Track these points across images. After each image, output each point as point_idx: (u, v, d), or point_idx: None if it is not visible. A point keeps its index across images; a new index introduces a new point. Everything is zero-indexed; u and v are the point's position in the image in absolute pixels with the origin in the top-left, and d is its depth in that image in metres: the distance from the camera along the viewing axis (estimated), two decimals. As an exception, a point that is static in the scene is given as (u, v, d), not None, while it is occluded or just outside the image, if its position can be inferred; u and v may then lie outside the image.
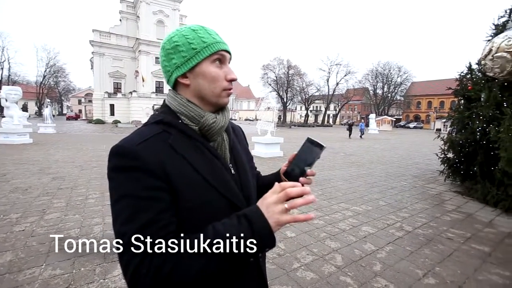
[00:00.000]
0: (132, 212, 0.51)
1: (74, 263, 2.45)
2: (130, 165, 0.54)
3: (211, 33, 0.65)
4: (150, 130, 0.61)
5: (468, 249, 2.98)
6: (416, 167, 8.44)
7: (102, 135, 17.35)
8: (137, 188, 0.53)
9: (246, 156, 0.79)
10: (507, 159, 3.97)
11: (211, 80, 0.63)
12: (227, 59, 0.66)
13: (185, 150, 0.60)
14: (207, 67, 0.63)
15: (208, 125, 0.64)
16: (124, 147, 0.56)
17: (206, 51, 0.62)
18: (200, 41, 0.62)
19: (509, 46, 4.10)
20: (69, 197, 4.39)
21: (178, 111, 0.65)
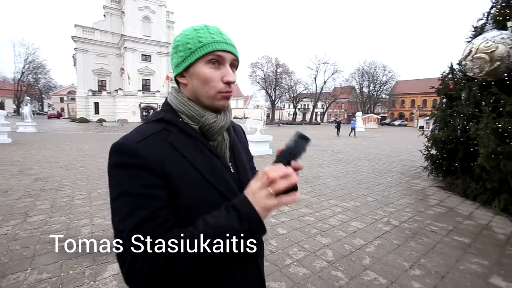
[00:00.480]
0: (130, 209, 0.52)
1: (62, 266, 2.39)
2: (130, 163, 0.55)
3: (213, 32, 0.63)
4: (151, 128, 0.61)
5: (450, 241, 3.13)
6: (401, 164, 8.72)
7: (87, 134, 16.80)
8: (136, 186, 0.53)
9: (246, 156, 0.80)
10: (485, 155, 4.17)
11: (204, 81, 0.62)
12: (226, 60, 0.63)
13: (185, 149, 0.61)
14: (200, 67, 0.62)
15: (208, 125, 0.64)
16: (124, 144, 0.57)
17: (200, 51, 0.61)
18: (197, 40, 0.61)
19: (487, 48, 4.29)
20: (53, 199, 4.24)
21: (178, 109, 0.66)
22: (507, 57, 4.12)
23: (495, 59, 4.20)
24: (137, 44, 33.42)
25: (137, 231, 0.50)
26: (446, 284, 2.29)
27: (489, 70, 4.34)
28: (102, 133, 17.93)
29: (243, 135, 0.86)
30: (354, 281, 2.30)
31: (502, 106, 4.10)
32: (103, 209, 3.84)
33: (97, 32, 34.13)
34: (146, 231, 0.51)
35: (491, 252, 2.88)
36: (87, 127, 23.50)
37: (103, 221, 3.40)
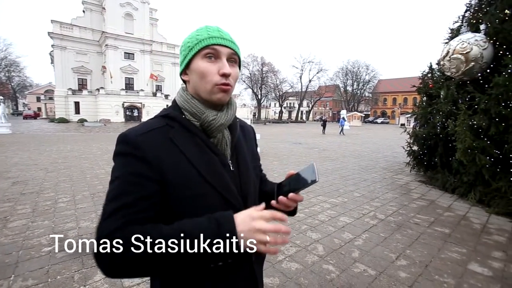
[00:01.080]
0: (117, 193, 0.57)
1: (49, 272, 2.31)
2: (128, 152, 0.60)
3: (211, 30, 0.66)
4: (155, 123, 0.66)
5: (432, 232, 3.30)
6: (385, 160, 9.03)
7: (67, 135, 16.11)
8: (128, 173, 0.58)
9: (251, 156, 0.81)
10: (462, 150, 4.42)
11: (201, 75, 0.64)
12: (222, 53, 0.65)
13: (184, 145, 0.63)
14: (197, 62, 0.65)
15: (207, 122, 0.66)
16: (127, 135, 0.62)
17: (196, 47, 0.64)
18: (195, 38, 0.65)
19: (463, 49, 4.54)
20: (35, 202, 4.06)
21: (182, 106, 0.69)
22: (480, 58, 4.38)
23: (470, 59, 4.46)
24: (119, 42, 32.31)
25: (115, 213, 0.54)
26: (430, 272, 2.42)
27: (465, 70, 4.59)
28: (83, 133, 17.26)
29: (252, 135, 0.88)
30: (344, 273, 2.38)
31: (477, 104, 4.36)
32: (90, 211, 3.73)
33: (76, 29, 32.63)
34: (122, 215, 0.54)
35: (469, 240, 3.07)
36: (67, 127, 22.52)
37: (90, 224, 3.31)
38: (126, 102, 32.10)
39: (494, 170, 4.14)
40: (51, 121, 31.20)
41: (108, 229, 0.52)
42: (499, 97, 3.85)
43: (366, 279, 2.30)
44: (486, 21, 4.51)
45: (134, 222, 0.54)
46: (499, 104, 3.88)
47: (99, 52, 34.47)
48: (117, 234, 0.52)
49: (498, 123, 3.95)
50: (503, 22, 4.25)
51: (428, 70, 6.37)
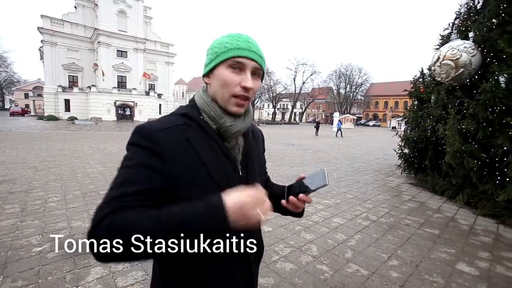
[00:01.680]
0: (124, 180, 0.58)
1: (39, 272, 2.26)
2: (145, 145, 0.60)
3: (240, 40, 0.66)
4: (173, 120, 0.67)
5: (422, 232, 3.39)
6: (377, 162, 9.19)
7: (57, 133, 15.73)
8: (139, 164, 0.59)
9: (259, 160, 0.83)
10: (451, 153, 4.55)
11: (222, 84, 0.65)
12: (247, 66, 0.65)
13: (199, 145, 0.65)
14: (221, 70, 0.66)
15: (225, 127, 0.68)
16: (146, 128, 0.63)
17: (223, 55, 0.65)
18: (223, 46, 0.65)
19: (453, 55, 4.68)
20: (24, 202, 3.96)
21: (201, 108, 0.70)
22: (469, 65, 4.53)
23: (459, 65, 4.60)
24: (111, 39, 31.81)
25: (118, 198, 0.55)
26: (420, 272, 2.49)
27: (454, 75, 4.73)
28: (74, 132, 16.90)
29: (261, 140, 0.89)
30: (338, 273, 2.42)
31: (466, 109, 4.50)
32: (81, 211, 3.67)
33: (67, 25, 31.92)
34: (124, 201, 0.54)
35: (457, 241, 3.17)
36: (56, 125, 21.99)
37: (82, 224, 3.25)
38: (118, 101, 31.61)
39: (481, 173, 4.28)
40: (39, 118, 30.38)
41: (104, 212, 0.52)
42: (486, 103, 3.99)
43: (359, 279, 2.34)
44: (474, 29, 4.66)
45: (131, 207, 0.54)
46: (486, 109, 4.01)
47: (91, 49, 33.83)
48: (112, 215, 0.52)
49: (485, 127, 4.08)
50: (490, 30, 4.40)
51: (420, 75, 6.53)
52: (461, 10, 5.57)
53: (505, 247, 3.06)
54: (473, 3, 5.11)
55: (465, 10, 5.40)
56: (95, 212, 0.54)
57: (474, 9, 5.08)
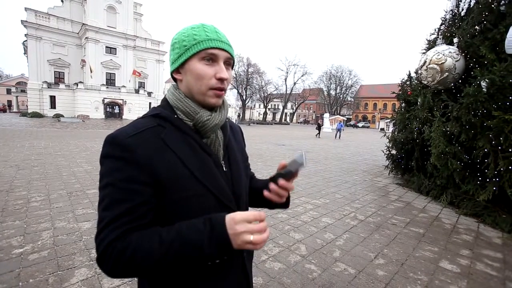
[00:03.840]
0: (113, 201, 0.56)
1: (20, 275, 2.18)
2: (119, 156, 0.57)
3: (208, 30, 0.64)
4: (145, 123, 0.63)
5: (408, 232, 3.48)
6: (365, 163, 9.36)
7: (41, 130, 15.21)
8: (121, 179, 0.56)
9: (241, 156, 0.81)
10: (436, 155, 4.69)
11: (197, 78, 0.63)
12: (220, 57, 0.64)
13: (177, 145, 0.62)
14: (194, 64, 0.63)
15: (202, 122, 0.65)
16: (116, 137, 0.59)
17: (194, 48, 0.63)
18: (192, 38, 0.63)
19: (438, 60, 4.83)
20: (4, 201, 3.81)
21: (174, 105, 0.67)
22: (453, 69, 4.68)
23: (444, 70, 4.74)
24: (100, 35, 31.06)
25: (113, 223, 0.55)
26: (405, 270, 2.56)
27: (440, 79, 4.87)
28: (59, 129, 16.39)
29: (240, 135, 0.88)
30: (326, 272, 2.46)
31: (450, 111, 4.64)
32: (66, 211, 3.57)
33: (53, 19, 30.93)
34: (121, 224, 0.55)
35: (440, 239, 3.27)
36: (41, 122, 21.27)
37: (66, 224, 3.16)
38: (107, 98, 30.90)
39: (463, 174, 4.43)
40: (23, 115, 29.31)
41: (109, 239, 0.54)
42: (469, 106, 4.13)
43: (346, 278, 2.38)
44: (458, 35, 4.81)
45: (133, 230, 0.56)
46: (469, 112, 4.16)
47: (78, 45, 32.94)
48: (118, 244, 0.54)
49: (468, 130, 4.23)
50: (473, 37, 4.56)
51: (407, 78, 6.69)
52: (447, 16, 5.76)
53: (484, 245, 3.18)
54: (458, 10, 5.29)
55: (450, 16, 5.58)
56: (97, 240, 0.56)
57: (458, 16, 5.26)
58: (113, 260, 0.53)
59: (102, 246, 0.54)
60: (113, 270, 0.54)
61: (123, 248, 0.53)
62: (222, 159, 0.71)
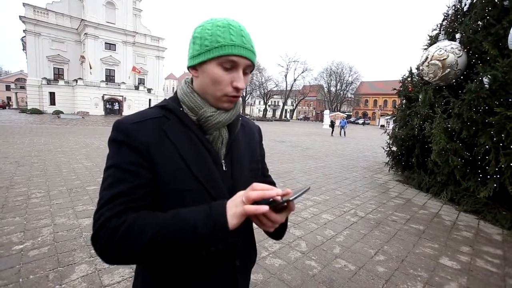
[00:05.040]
0: (113, 181, 0.57)
1: (20, 271, 2.19)
2: (120, 140, 0.60)
3: (234, 33, 0.60)
4: (152, 113, 0.65)
5: (408, 228, 3.48)
6: (365, 160, 9.35)
7: (41, 127, 15.19)
8: (122, 161, 0.59)
9: (250, 157, 0.77)
10: (437, 152, 4.68)
11: (213, 82, 0.62)
12: (240, 65, 0.61)
13: (177, 138, 0.63)
14: (212, 68, 0.61)
15: (205, 118, 0.65)
16: (121, 122, 0.62)
17: (215, 52, 0.59)
18: (215, 39, 0.59)
19: (440, 56, 4.79)
20: (4, 198, 3.81)
21: (181, 99, 0.68)
22: (455, 65, 4.64)
23: (446, 66, 4.70)
24: (99, 31, 30.83)
25: (112, 201, 0.55)
26: (405, 266, 2.56)
27: (441, 75, 4.84)
28: (59, 126, 16.36)
29: (256, 136, 0.84)
30: (326, 269, 2.46)
31: (451, 108, 4.62)
32: (66, 207, 3.57)
33: (52, 14, 30.68)
34: (119, 203, 0.55)
35: (440, 236, 3.27)
36: (41, 119, 21.24)
37: (66, 220, 3.16)
38: (106, 95, 30.79)
39: (464, 171, 4.42)
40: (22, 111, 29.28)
41: (105, 216, 0.54)
42: (471, 103, 4.10)
43: (347, 274, 2.38)
44: (461, 30, 4.77)
45: (130, 209, 0.55)
46: (470, 109, 4.13)
47: (77, 41, 32.72)
48: (113, 221, 0.53)
49: (469, 126, 4.21)
50: (475, 32, 4.51)
51: (408, 74, 6.65)
52: (449, 12, 5.69)
53: (484, 241, 3.18)
54: (460, 5, 5.23)
55: (453, 12, 5.52)
56: (95, 217, 0.56)
57: (461, 11, 5.20)
58: (107, 237, 0.52)
59: (98, 223, 0.54)
60: (105, 249, 0.53)
61: (118, 225, 0.52)
62: (223, 158, 0.69)
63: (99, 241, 0.53)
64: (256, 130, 0.86)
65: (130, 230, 0.52)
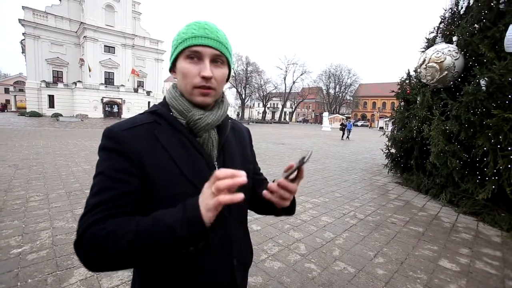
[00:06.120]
0: (100, 188, 0.57)
1: (18, 275, 2.17)
2: (111, 147, 0.60)
3: (196, 27, 0.63)
4: (142, 119, 0.66)
5: (407, 230, 3.48)
6: (364, 162, 9.36)
7: (40, 130, 15.16)
8: (110, 169, 0.58)
9: (242, 158, 0.78)
10: (436, 153, 4.69)
11: (183, 76, 0.63)
12: (204, 55, 0.62)
13: (169, 142, 0.63)
14: (181, 63, 0.64)
15: (193, 121, 0.65)
16: (111, 130, 0.62)
17: (180, 46, 0.63)
18: (180, 36, 0.63)
19: (438, 58, 4.82)
20: (2, 201, 3.80)
21: (170, 103, 0.68)
22: (452, 67, 4.68)
23: (444, 68, 4.74)
24: (98, 34, 30.93)
25: (96, 208, 0.55)
26: (405, 268, 2.56)
27: (439, 78, 4.87)
28: (58, 129, 16.33)
29: (246, 138, 0.85)
30: (325, 271, 2.45)
31: (449, 110, 4.64)
32: (65, 211, 3.55)
33: (51, 17, 30.76)
34: (102, 210, 0.55)
35: (440, 238, 3.27)
36: (39, 122, 21.19)
37: (65, 224, 3.15)
38: (106, 98, 30.84)
39: (463, 173, 4.43)
40: (21, 114, 29.21)
41: (87, 223, 0.54)
42: (468, 105, 4.13)
43: (346, 277, 2.38)
44: (458, 33, 4.81)
45: (113, 216, 0.55)
46: (468, 111, 4.16)
47: (76, 44, 32.80)
48: (94, 227, 0.53)
49: (467, 128, 4.23)
50: (472, 35, 4.55)
51: (406, 76, 6.68)
52: (446, 14, 5.75)
53: (484, 243, 3.19)
54: (457, 9, 5.28)
55: (450, 15, 5.57)
56: (78, 224, 0.56)
57: (457, 14, 5.25)
58: (88, 244, 0.52)
59: (80, 230, 0.54)
60: (87, 255, 0.52)
61: (98, 231, 0.52)
62: (215, 159, 0.69)
63: (81, 248, 0.53)
64: (246, 132, 0.88)
65: (109, 236, 0.51)
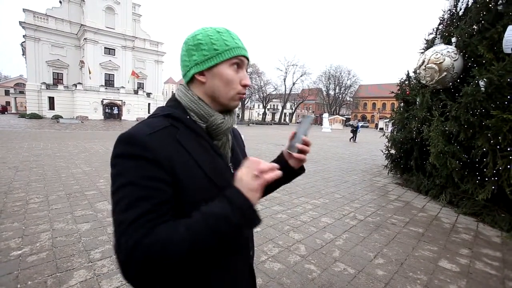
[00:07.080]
0: (133, 200, 0.52)
1: (18, 277, 2.17)
2: (139, 154, 0.55)
3: (234, 37, 0.67)
4: (159, 122, 0.62)
5: (407, 231, 3.48)
6: (364, 163, 9.37)
7: (40, 132, 15.17)
8: (143, 177, 0.53)
9: (243, 156, 0.84)
10: (435, 154, 4.70)
11: (227, 83, 0.66)
12: (244, 64, 0.69)
13: (191, 147, 0.62)
14: (225, 69, 0.65)
15: (216, 125, 0.67)
16: (134, 135, 0.57)
17: (227, 54, 0.65)
18: (223, 43, 0.65)
19: (437, 59, 4.84)
20: (2, 203, 3.80)
21: (188, 107, 0.67)
22: (452, 68, 4.69)
23: (443, 69, 4.75)
24: (99, 36, 31.04)
25: (137, 221, 0.50)
26: (405, 269, 2.56)
27: (438, 79, 4.88)
28: (58, 130, 16.34)
29: (239, 137, 0.90)
30: (325, 272, 2.45)
31: (449, 111, 4.65)
32: (65, 212, 3.56)
33: (52, 20, 30.88)
34: (146, 221, 0.51)
35: (440, 239, 3.27)
36: (40, 123, 21.21)
37: (65, 226, 3.15)
38: (106, 99, 30.90)
39: (462, 173, 4.43)
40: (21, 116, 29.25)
41: (134, 239, 0.49)
42: (467, 106, 4.13)
43: (346, 278, 2.38)
44: (456, 34, 4.82)
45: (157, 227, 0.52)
46: (467, 111, 4.16)
47: (77, 46, 32.91)
48: (146, 240, 0.49)
49: (467, 129, 4.23)
50: (471, 36, 4.57)
51: (406, 77, 6.70)
52: (445, 16, 5.77)
53: (483, 244, 3.19)
54: (456, 10, 5.30)
55: (448, 16, 5.59)
56: (118, 246, 0.50)
57: (456, 15, 5.27)
58: (142, 260, 0.48)
59: (127, 249, 0.48)
60: (143, 271, 0.48)
61: (153, 242, 0.49)
62: (230, 161, 0.73)
63: (133, 266, 0.48)
64: (237, 131, 0.92)
65: (167, 246, 0.49)
